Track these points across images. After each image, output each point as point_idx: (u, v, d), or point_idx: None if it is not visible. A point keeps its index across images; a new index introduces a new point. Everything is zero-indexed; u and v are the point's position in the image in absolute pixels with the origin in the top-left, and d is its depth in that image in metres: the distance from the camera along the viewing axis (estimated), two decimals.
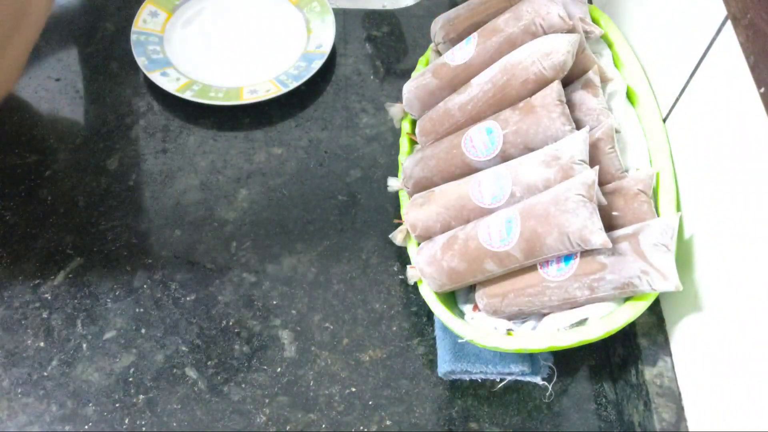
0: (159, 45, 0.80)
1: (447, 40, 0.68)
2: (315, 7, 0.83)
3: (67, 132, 0.74)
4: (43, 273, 0.64)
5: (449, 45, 0.67)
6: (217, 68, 0.79)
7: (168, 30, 0.81)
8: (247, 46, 0.81)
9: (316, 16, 0.82)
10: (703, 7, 0.51)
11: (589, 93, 0.58)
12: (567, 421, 0.57)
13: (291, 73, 0.77)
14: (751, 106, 0.44)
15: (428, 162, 0.60)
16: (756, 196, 0.44)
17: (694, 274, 0.51)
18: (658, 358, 0.54)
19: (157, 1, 0.83)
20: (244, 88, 0.76)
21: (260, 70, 0.79)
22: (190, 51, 0.80)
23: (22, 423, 0.56)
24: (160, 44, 0.80)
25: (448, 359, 0.56)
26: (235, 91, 0.75)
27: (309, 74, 0.77)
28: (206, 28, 0.83)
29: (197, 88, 0.75)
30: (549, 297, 0.52)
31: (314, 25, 0.82)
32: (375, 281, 0.64)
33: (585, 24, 0.60)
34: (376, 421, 0.57)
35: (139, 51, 0.78)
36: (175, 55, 0.79)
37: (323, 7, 0.82)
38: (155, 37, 0.80)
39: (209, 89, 0.75)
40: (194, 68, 0.79)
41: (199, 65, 0.79)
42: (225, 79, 0.77)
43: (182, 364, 0.59)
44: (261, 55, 0.80)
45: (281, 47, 0.81)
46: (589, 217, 0.49)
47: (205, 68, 0.79)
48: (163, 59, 0.78)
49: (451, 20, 0.68)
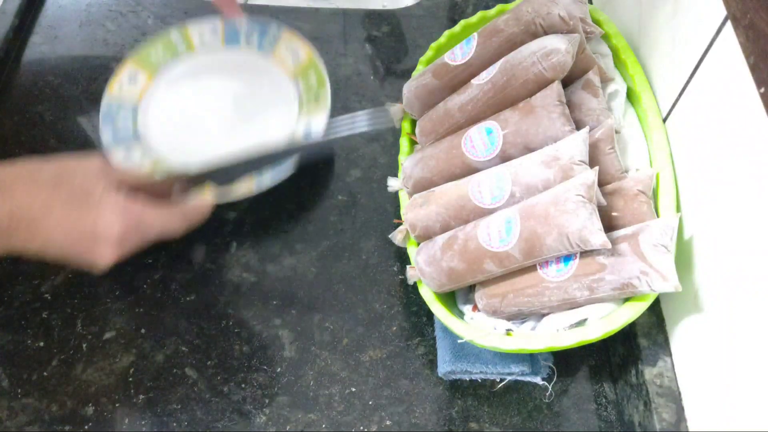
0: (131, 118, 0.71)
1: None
2: (311, 80, 0.72)
3: (67, 132, 0.74)
4: (43, 273, 0.64)
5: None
6: (190, 144, 0.69)
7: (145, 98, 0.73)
8: (229, 120, 0.72)
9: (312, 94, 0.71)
10: (703, 7, 0.51)
11: (589, 93, 0.58)
12: (567, 421, 0.57)
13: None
14: (751, 106, 0.44)
15: (428, 162, 0.60)
16: (756, 197, 0.44)
17: (693, 274, 0.51)
18: (658, 358, 0.54)
19: (139, 60, 0.74)
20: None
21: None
22: (164, 122, 0.71)
23: (22, 423, 0.56)
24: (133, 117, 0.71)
25: (448, 359, 0.56)
26: None
27: (287, 172, 0.66)
28: (186, 94, 0.74)
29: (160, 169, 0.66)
30: (548, 297, 0.52)
31: (308, 105, 0.71)
32: (375, 281, 0.64)
33: (585, 24, 0.60)
34: (376, 421, 0.57)
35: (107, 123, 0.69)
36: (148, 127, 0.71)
37: (320, 82, 0.71)
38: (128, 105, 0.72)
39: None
40: (163, 142, 0.70)
41: (170, 139, 0.70)
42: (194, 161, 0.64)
43: (182, 364, 0.59)
44: (242, 133, 0.70)
45: (265, 125, 0.71)
46: (589, 217, 0.49)
47: (177, 143, 0.70)
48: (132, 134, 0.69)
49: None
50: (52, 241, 0.49)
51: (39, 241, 0.49)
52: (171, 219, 0.55)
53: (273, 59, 0.75)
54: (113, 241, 0.50)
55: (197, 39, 0.76)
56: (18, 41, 0.81)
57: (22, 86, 0.78)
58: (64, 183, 0.50)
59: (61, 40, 0.82)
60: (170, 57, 0.75)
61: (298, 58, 0.74)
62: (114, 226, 0.50)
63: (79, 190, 0.50)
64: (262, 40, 0.76)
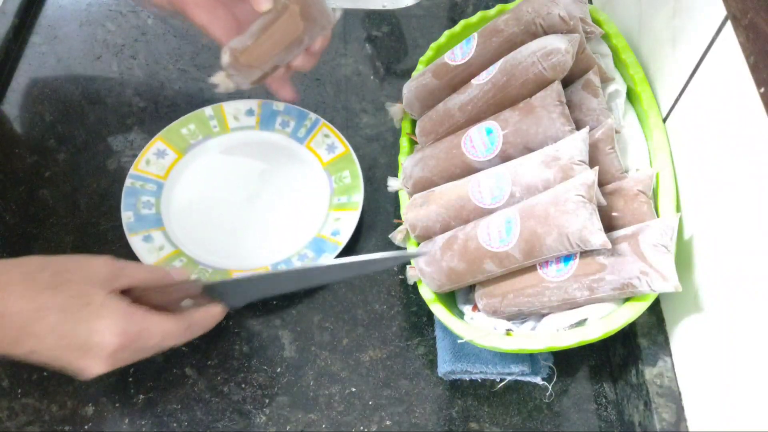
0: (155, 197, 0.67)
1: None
2: (345, 177, 0.69)
3: (67, 132, 0.74)
4: None
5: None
6: (210, 235, 0.66)
7: (171, 177, 0.69)
8: (254, 212, 0.68)
9: (344, 189, 0.68)
10: (703, 7, 0.51)
11: (589, 93, 0.58)
12: (567, 421, 0.57)
13: (293, 264, 0.63)
14: (751, 106, 0.44)
15: (428, 162, 0.60)
16: (756, 197, 0.44)
17: (693, 274, 0.51)
18: (658, 358, 0.54)
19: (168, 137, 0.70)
20: (234, 274, 0.62)
21: (260, 249, 0.65)
22: (187, 206, 0.68)
23: (22, 423, 0.56)
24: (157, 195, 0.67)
25: (448, 359, 0.56)
26: (221, 276, 0.62)
27: None
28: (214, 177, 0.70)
29: (180, 264, 0.63)
30: (548, 297, 0.52)
31: (339, 200, 0.68)
32: (375, 281, 0.64)
33: (585, 24, 0.60)
34: (376, 421, 0.57)
35: (129, 203, 0.65)
36: (170, 212, 0.67)
37: (354, 180, 0.68)
38: (153, 184, 0.68)
39: (194, 267, 0.63)
40: (186, 233, 0.66)
41: (192, 225, 0.66)
42: (215, 253, 0.64)
43: (182, 364, 0.59)
44: (267, 228, 0.67)
45: (293, 219, 0.67)
46: (589, 217, 0.49)
47: (198, 234, 0.66)
48: (154, 216, 0.66)
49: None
50: (41, 348, 0.46)
51: (27, 348, 0.46)
52: (175, 331, 0.51)
53: (307, 149, 0.72)
54: (106, 355, 0.47)
55: (232, 120, 0.73)
56: (18, 41, 0.81)
57: (22, 86, 0.78)
58: (64, 286, 0.47)
59: (61, 40, 0.82)
60: (202, 136, 0.72)
61: (334, 151, 0.71)
62: (111, 339, 0.47)
63: (77, 296, 0.47)
64: (298, 128, 0.73)
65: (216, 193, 0.68)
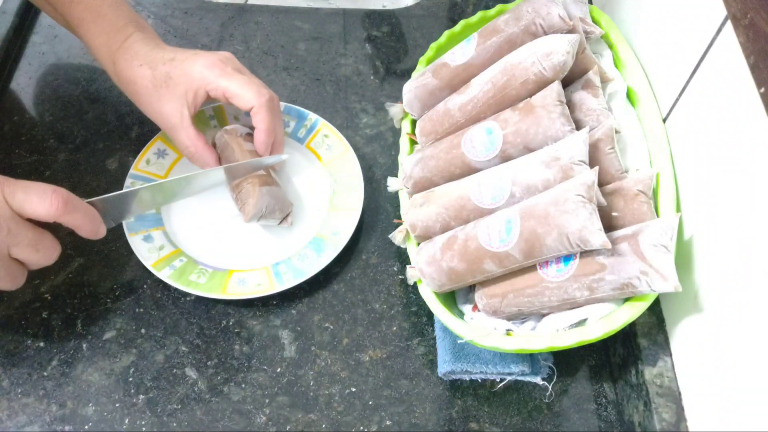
0: None
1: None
2: (345, 177, 0.69)
3: (67, 132, 0.74)
4: (43, 273, 0.63)
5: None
6: (210, 235, 0.66)
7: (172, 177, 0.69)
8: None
9: (344, 189, 0.68)
10: (703, 7, 0.51)
11: (589, 93, 0.58)
12: (567, 421, 0.57)
13: (293, 264, 0.63)
14: (751, 106, 0.44)
15: (428, 162, 0.60)
16: (756, 197, 0.44)
17: (693, 274, 0.51)
18: (658, 358, 0.54)
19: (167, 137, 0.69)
20: (233, 274, 0.62)
21: (260, 249, 0.65)
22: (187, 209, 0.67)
23: (22, 423, 0.56)
24: None
25: (448, 359, 0.56)
26: (221, 277, 0.62)
27: (314, 271, 0.62)
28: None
29: (180, 264, 0.63)
30: (548, 297, 0.52)
31: (339, 200, 0.67)
32: (375, 281, 0.64)
33: (585, 24, 0.60)
34: (376, 421, 0.57)
35: None
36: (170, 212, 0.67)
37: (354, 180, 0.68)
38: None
39: (194, 267, 0.63)
40: (186, 232, 0.66)
41: (192, 229, 0.66)
42: (215, 254, 0.64)
43: (182, 364, 0.59)
44: (267, 228, 0.67)
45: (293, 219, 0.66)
46: (589, 217, 0.49)
47: (198, 234, 0.66)
48: (154, 216, 0.66)
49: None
50: None
51: None
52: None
53: (307, 149, 0.72)
54: None
55: (232, 120, 0.73)
56: (18, 41, 0.81)
57: (22, 86, 0.78)
58: None
59: (61, 40, 0.82)
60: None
61: (334, 151, 0.71)
62: None
63: None
64: (298, 128, 0.72)
65: (216, 193, 0.68)
